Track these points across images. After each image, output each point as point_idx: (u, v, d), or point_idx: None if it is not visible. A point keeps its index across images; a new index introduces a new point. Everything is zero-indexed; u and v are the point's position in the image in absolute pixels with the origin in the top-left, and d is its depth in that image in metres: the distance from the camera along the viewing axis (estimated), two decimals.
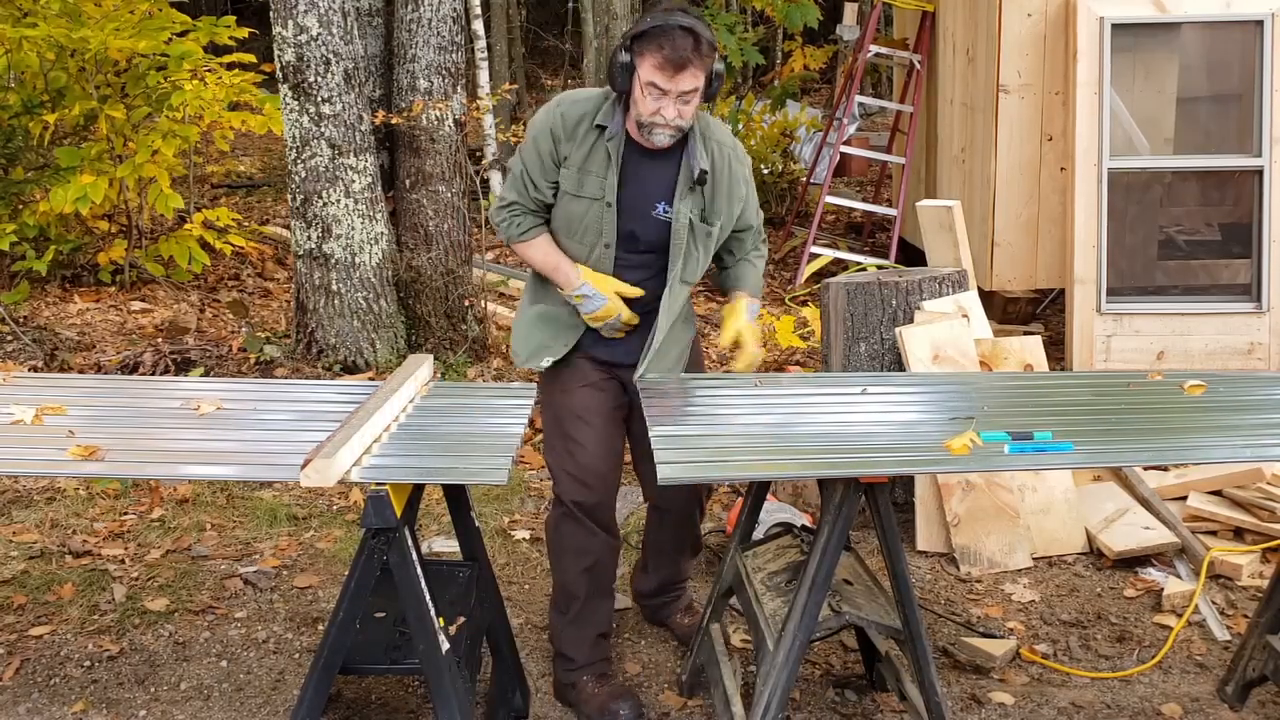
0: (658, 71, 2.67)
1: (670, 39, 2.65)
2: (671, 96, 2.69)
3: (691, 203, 2.85)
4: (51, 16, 6.27)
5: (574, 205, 2.86)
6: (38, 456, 2.36)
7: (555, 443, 2.95)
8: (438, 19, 5.28)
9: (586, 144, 2.82)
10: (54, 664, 3.18)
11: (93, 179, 6.05)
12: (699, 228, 2.87)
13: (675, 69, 2.66)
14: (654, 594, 3.37)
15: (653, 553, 3.32)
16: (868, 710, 2.99)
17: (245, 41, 6.86)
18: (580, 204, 2.85)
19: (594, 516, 2.90)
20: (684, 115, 2.74)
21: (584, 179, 2.83)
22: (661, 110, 2.71)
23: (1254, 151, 5.10)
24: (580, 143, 2.83)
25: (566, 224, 2.89)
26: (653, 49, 2.67)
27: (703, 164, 2.82)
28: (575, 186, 2.84)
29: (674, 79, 2.67)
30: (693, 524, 3.27)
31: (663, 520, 3.23)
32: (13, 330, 5.68)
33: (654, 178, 2.85)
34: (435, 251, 5.39)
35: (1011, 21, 5.48)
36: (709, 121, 2.91)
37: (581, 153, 2.83)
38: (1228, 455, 2.51)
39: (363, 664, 2.55)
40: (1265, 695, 3.01)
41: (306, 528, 4.04)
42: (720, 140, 2.89)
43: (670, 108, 2.71)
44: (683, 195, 2.84)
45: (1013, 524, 3.75)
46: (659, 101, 2.70)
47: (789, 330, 5.45)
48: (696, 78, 2.70)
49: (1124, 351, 5.12)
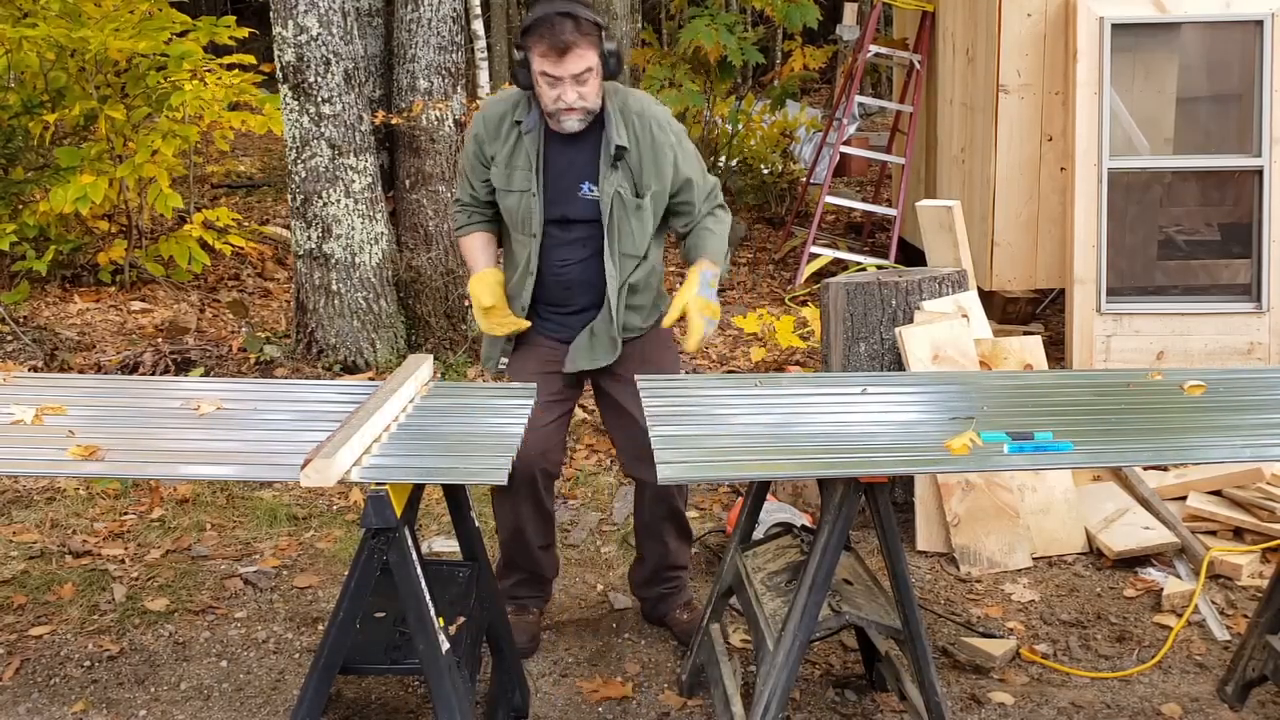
0: (545, 60, 2.80)
1: (550, 26, 2.77)
2: (566, 81, 2.81)
3: (618, 178, 2.96)
4: (51, 17, 6.27)
5: (508, 200, 3.03)
6: (38, 456, 2.36)
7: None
8: (438, 19, 5.28)
9: (510, 141, 2.98)
10: (54, 664, 3.18)
11: (93, 179, 6.05)
12: (629, 201, 2.97)
13: (559, 53, 2.78)
14: (648, 582, 3.37)
15: (641, 534, 3.35)
16: (868, 710, 2.99)
17: (245, 41, 6.86)
18: (512, 198, 3.01)
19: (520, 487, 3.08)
20: (585, 97, 2.85)
21: (511, 174, 2.99)
22: (561, 96, 2.83)
23: (1254, 151, 5.10)
24: (504, 141, 2.99)
25: (509, 217, 3.07)
26: (537, 39, 2.80)
27: (619, 140, 2.93)
28: (505, 182, 3.01)
29: (560, 63, 2.79)
30: (671, 496, 3.25)
31: (643, 494, 3.28)
32: (13, 330, 5.68)
33: (578, 161, 2.98)
34: (435, 251, 5.40)
35: (1011, 21, 5.48)
36: (627, 97, 3.00)
37: (506, 150, 2.98)
38: (1228, 455, 2.51)
39: (363, 664, 2.55)
40: (1265, 695, 3.01)
41: (306, 528, 4.04)
42: (639, 112, 2.97)
43: (569, 91, 2.82)
44: (606, 173, 2.95)
45: (1013, 524, 3.75)
46: (555, 88, 2.83)
47: (789, 330, 5.45)
48: (584, 58, 2.80)
49: (1124, 351, 5.12)
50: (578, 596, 3.58)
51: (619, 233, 2.99)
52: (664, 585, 3.37)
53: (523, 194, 2.98)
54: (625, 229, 3.00)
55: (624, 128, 2.94)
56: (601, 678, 3.12)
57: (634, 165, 2.96)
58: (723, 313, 3.41)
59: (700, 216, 3.09)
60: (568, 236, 3.02)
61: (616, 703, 3.02)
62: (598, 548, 3.91)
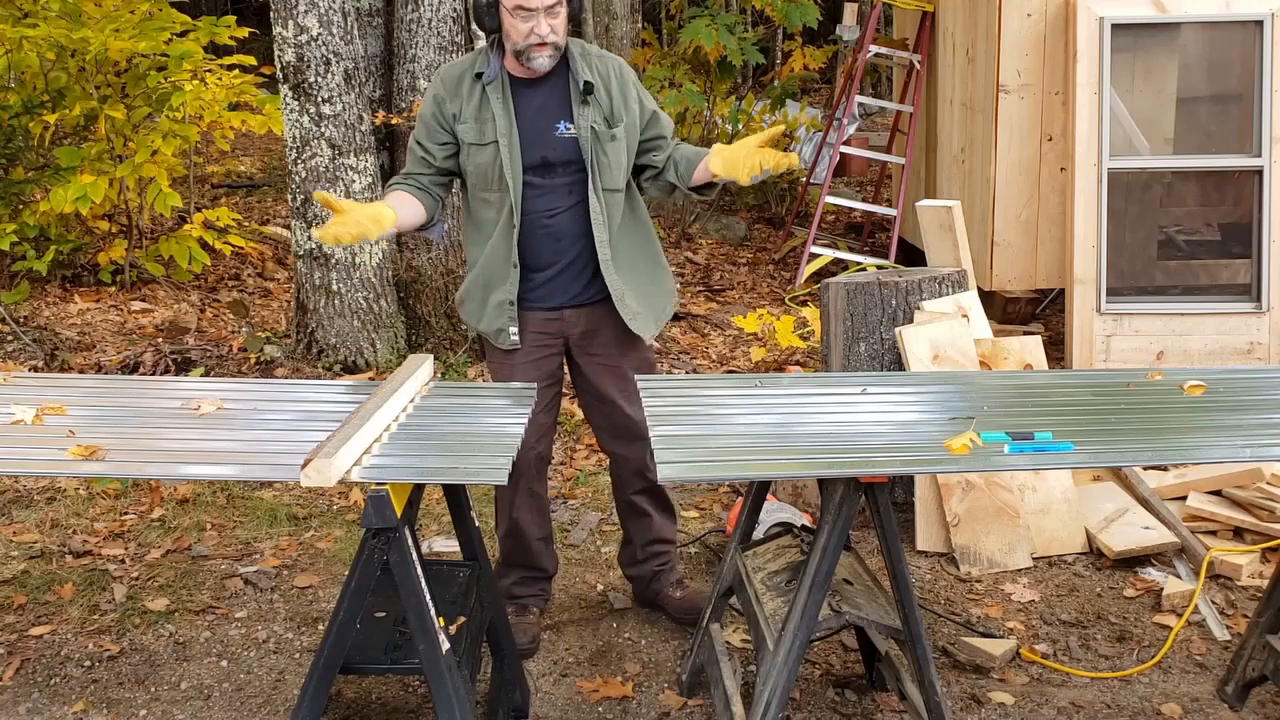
0: None
1: None
2: (539, 13, 2.88)
3: (591, 113, 3.02)
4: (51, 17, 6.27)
5: (481, 155, 3.03)
6: (38, 456, 2.36)
7: None
8: (438, 19, 5.28)
9: (474, 96, 3.02)
10: (54, 664, 3.18)
11: (93, 179, 6.04)
12: (603, 133, 3.03)
13: None
14: (637, 560, 3.40)
15: (623, 512, 3.38)
16: (868, 710, 2.99)
17: (245, 42, 6.85)
18: (487, 151, 3.02)
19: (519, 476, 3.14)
20: (556, 30, 2.93)
21: (483, 126, 3.01)
22: (535, 29, 2.89)
23: (1254, 151, 5.10)
24: (467, 97, 3.02)
25: (481, 178, 3.05)
26: None
27: (586, 76, 3.01)
28: (477, 136, 3.02)
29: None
30: (647, 469, 3.26)
31: (620, 470, 3.32)
32: (13, 330, 5.68)
33: (549, 102, 3.03)
34: (435, 251, 5.40)
35: (1011, 21, 5.48)
36: (582, 43, 3.12)
37: (472, 105, 3.01)
38: (1227, 455, 2.51)
39: (363, 664, 2.55)
40: (1265, 695, 3.01)
41: (306, 528, 4.04)
42: (598, 54, 3.11)
43: (542, 23, 2.89)
44: (580, 110, 3.01)
45: (1013, 524, 3.75)
46: (529, 21, 2.89)
47: (789, 330, 5.45)
48: None
49: (1124, 351, 5.12)
50: (578, 596, 3.58)
51: (599, 167, 3.03)
52: (654, 562, 3.38)
53: (497, 143, 2.99)
54: (604, 162, 3.04)
55: (587, 67, 3.03)
56: (601, 678, 3.12)
57: (603, 100, 3.03)
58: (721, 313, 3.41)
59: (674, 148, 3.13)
60: (551, 183, 3.04)
61: (616, 703, 3.02)
62: (598, 548, 3.91)
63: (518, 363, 3.12)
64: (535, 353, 3.13)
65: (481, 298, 3.13)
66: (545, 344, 3.14)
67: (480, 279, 3.12)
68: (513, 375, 3.11)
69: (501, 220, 3.05)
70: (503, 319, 3.09)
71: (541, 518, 3.31)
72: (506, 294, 3.07)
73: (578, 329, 3.14)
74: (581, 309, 3.13)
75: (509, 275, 3.06)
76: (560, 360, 3.21)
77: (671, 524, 3.43)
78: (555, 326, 3.13)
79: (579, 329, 3.14)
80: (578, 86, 3.01)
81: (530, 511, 3.26)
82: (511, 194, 3.01)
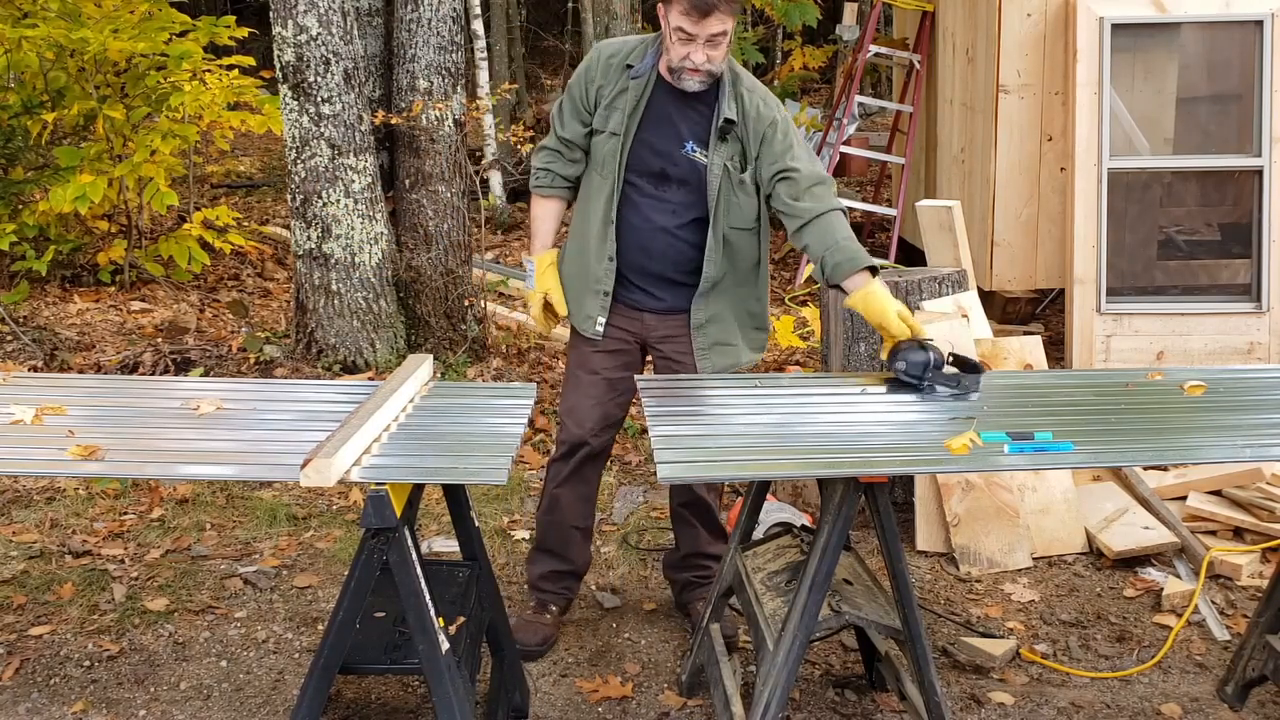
0: (684, 17, 2.79)
1: None
2: (699, 41, 2.81)
3: (727, 150, 2.96)
4: (51, 17, 6.27)
5: (604, 143, 3.02)
6: (38, 456, 2.36)
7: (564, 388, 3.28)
8: (437, 19, 5.28)
9: (619, 84, 2.99)
10: (54, 664, 3.18)
11: (92, 179, 6.04)
12: (734, 174, 2.98)
13: (701, 14, 2.78)
14: (677, 566, 3.41)
15: (673, 518, 3.39)
16: (867, 710, 2.99)
17: (245, 42, 6.85)
18: (608, 141, 3.01)
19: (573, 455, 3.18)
20: (713, 60, 2.86)
21: (610, 115, 2.99)
22: (690, 55, 2.84)
23: (1254, 151, 5.10)
24: (613, 82, 2.99)
25: (599, 161, 3.04)
26: None
27: (729, 113, 2.93)
28: (603, 123, 3.02)
29: (700, 23, 2.78)
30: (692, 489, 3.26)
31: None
32: (13, 330, 5.68)
33: (686, 119, 2.98)
34: (435, 251, 5.39)
35: (1011, 21, 5.48)
36: (738, 71, 3.02)
37: (613, 91, 2.99)
38: (1228, 455, 2.51)
39: (363, 664, 2.55)
40: (1265, 695, 3.01)
41: (306, 528, 4.04)
42: (750, 87, 3.01)
43: (699, 52, 2.83)
44: (715, 145, 2.95)
45: (1012, 524, 3.75)
46: (687, 46, 2.83)
47: (789, 330, 5.45)
48: (724, 22, 2.80)
49: (1124, 351, 5.12)
50: (578, 596, 3.58)
51: (725, 205, 3.00)
52: (692, 573, 3.38)
53: (613, 136, 2.98)
54: (732, 202, 3.00)
55: (733, 101, 2.95)
56: (601, 678, 3.12)
57: (741, 137, 2.98)
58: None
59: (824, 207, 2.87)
60: (661, 196, 3.02)
61: (616, 703, 3.02)
62: (597, 547, 3.91)
63: (597, 350, 3.14)
64: (614, 344, 3.14)
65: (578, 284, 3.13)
66: (624, 338, 3.15)
67: (576, 260, 3.13)
68: (589, 360, 3.14)
69: (601, 210, 3.04)
70: (594, 306, 3.10)
71: (585, 506, 3.29)
72: (602, 285, 3.07)
73: (657, 332, 3.15)
74: (663, 317, 3.13)
75: (605, 267, 3.06)
76: (638, 356, 3.21)
77: (719, 545, 3.35)
78: (636, 326, 3.14)
79: (658, 333, 3.15)
80: (718, 121, 2.95)
81: (575, 494, 3.25)
82: (611, 190, 3.01)
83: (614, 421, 3.22)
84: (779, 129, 2.96)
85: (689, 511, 3.31)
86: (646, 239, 3.04)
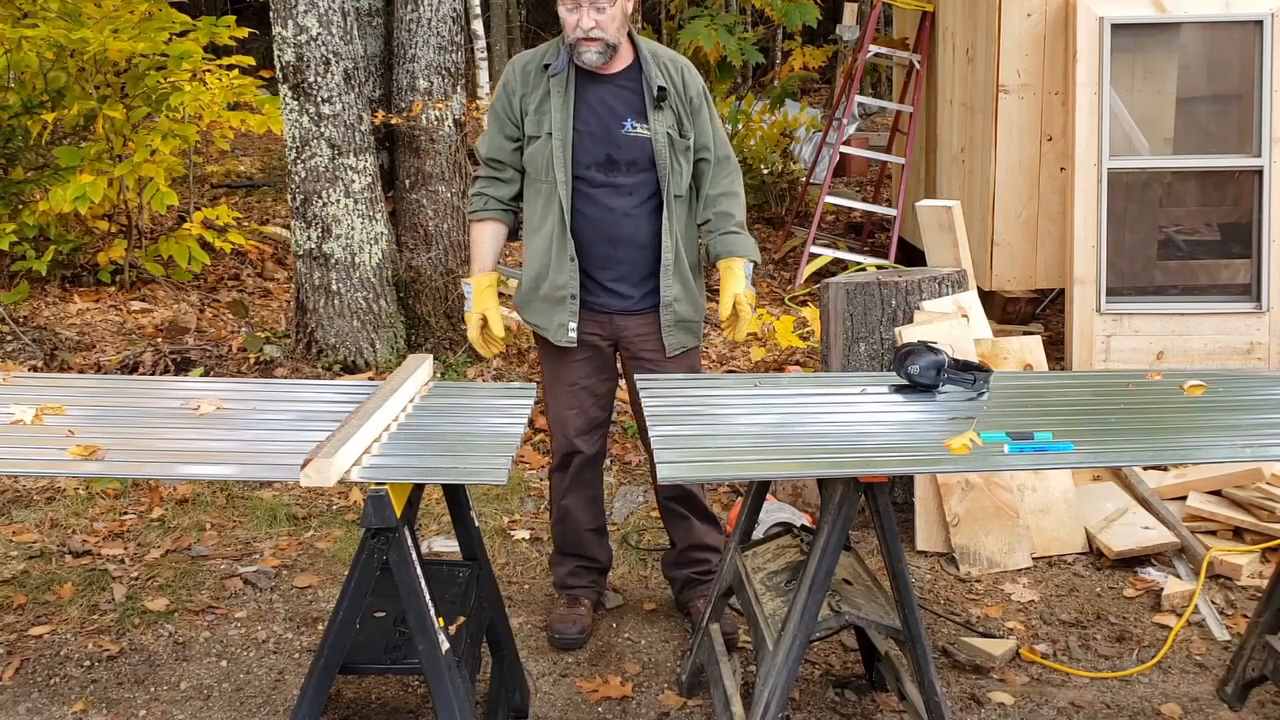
0: None
1: None
2: (584, 7, 2.88)
3: (665, 118, 3.02)
4: (51, 17, 6.27)
5: (536, 147, 3.04)
6: (38, 456, 2.36)
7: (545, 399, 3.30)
8: (437, 19, 5.28)
9: (541, 87, 3.03)
10: (54, 664, 3.18)
11: (92, 179, 6.04)
12: (677, 142, 3.04)
13: None
14: (676, 564, 3.40)
15: (664, 516, 3.39)
16: (867, 710, 2.99)
17: (245, 42, 6.85)
18: (541, 143, 3.03)
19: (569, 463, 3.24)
20: (602, 25, 2.92)
21: (541, 119, 3.02)
22: (580, 22, 2.90)
23: (1254, 151, 5.10)
24: (534, 87, 3.04)
25: (534, 168, 3.07)
26: None
27: (660, 80, 3.00)
28: (535, 128, 3.04)
29: None
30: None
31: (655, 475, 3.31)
32: (13, 330, 5.68)
33: (618, 99, 3.03)
34: (435, 251, 5.39)
35: (1011, 21, 5.48)
36: (655, 45, 3.11)
37: (537, 96, 3.04)
38: (1227, 455, 2.51)
39: (363, 664, 2.55)
40: (1265, 695, 3.01)
41: (306, 528, 4.04)
42: (671, 58, 3.09)
43: (586, 17, 2.89)
44: (654, 115, 3.01)
45: (1012, 524, 3.75)
46: (575, 14, 2.90)
47: (789, 330, 5.45)
48: None
49: (1124, 351, 5.12)
50: None
51: (673, 172, 3.03)
52: (691, 569, 3.37)
53: (552, 136, 2.99)
54: (676, 168, 3.04)
55: (659, 70, 3.01)
56: (601, 678, 3.12)
57: (675, 106, 3.02)
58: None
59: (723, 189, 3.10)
60: (613, 182, 3.03)
61: (616, 703, 3.02)
62: None
63: (573, 359, 3.15)
64: (586, 350, 3.15)
65: (539, 293, 3.13)
66: (595, 342, 3.16)
67: (535, 275, 3.13)
68: (565, 372, 3.15)
69: (555, 214, 3.04)
70: (563, 314, 3.10)
71: (594, 508, 3.34)
72: (568, 289, 3.07)
73: (628, 332, 3.15)
74: (632, 316, 3.13)
75: (567, 269, 3.06)
76: (612, 356, 3.23)
77: (714, 532, 3.37)
78: (607, 329, 3.15)
79: (629, 332, 3.15)
80: (650, 89, 3.00)
81: (581, 500, 3.29)
82: (560, 190, 3.01)
83: (600, 424, 3.25)
84: (706, 104, 3.09)
85: (678, 505, 3.33)
86: (609, 227, 3.05)
